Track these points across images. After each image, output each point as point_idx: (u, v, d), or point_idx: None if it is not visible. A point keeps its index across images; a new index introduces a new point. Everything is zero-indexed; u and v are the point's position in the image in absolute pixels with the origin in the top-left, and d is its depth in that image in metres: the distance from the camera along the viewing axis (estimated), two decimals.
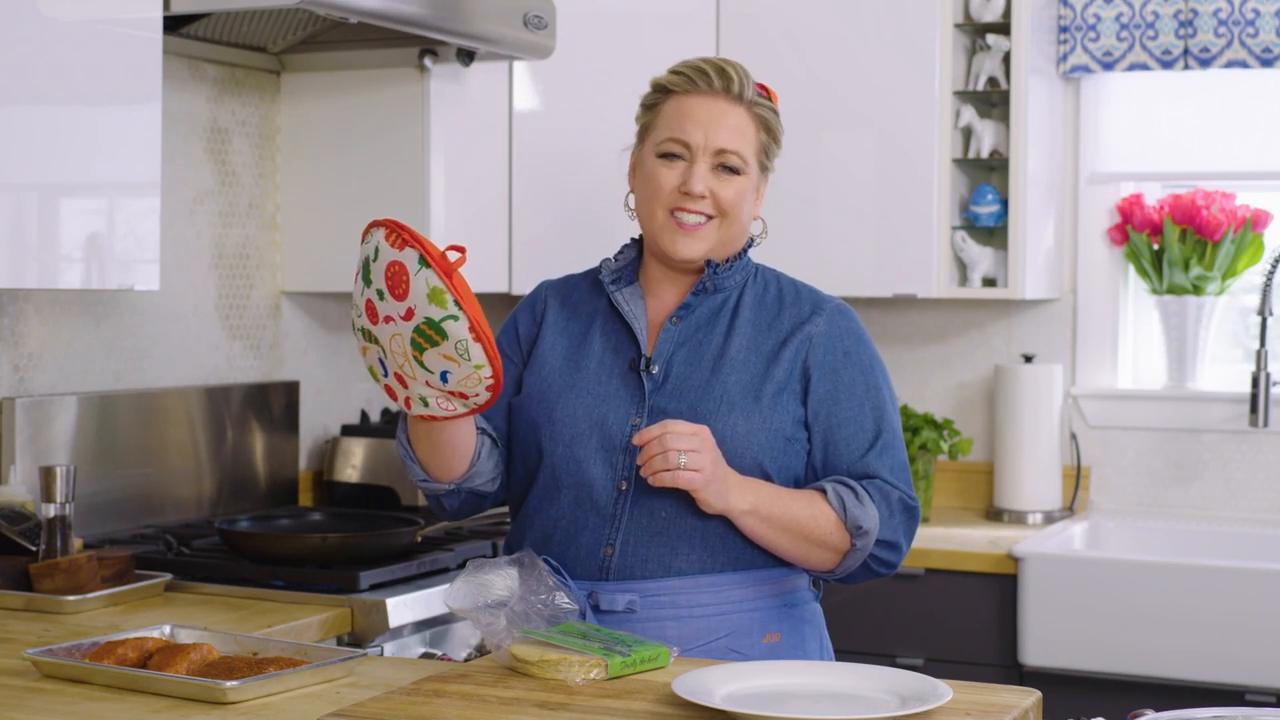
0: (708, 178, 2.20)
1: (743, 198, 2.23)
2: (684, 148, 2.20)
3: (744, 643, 2.19)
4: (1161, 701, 3.25)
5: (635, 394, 2.22)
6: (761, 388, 2.19)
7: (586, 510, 2.20)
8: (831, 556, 2.19)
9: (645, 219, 2.26)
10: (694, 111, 2.21)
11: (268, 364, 3.64)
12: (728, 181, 2.21)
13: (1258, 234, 3.98)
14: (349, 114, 3.57)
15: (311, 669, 2.01)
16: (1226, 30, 3.84)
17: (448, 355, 2.01)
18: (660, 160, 2.22)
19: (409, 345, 2.03)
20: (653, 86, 2.27)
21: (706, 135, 2.20)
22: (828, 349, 2.23)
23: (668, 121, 2.22)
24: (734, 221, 2.23)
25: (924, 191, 3.86)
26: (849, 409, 2.22)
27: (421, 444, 2.22)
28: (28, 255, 2.67)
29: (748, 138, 2.22)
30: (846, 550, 2.18)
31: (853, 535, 2.16)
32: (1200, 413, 4.01)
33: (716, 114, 2.20)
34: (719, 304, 2.26)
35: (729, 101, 2.21)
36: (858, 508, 2.16)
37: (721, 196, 2.21)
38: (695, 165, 2.20)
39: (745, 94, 2.22)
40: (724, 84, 2.21)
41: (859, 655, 3.50)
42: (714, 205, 2.21)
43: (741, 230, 2.26)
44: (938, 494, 4.20)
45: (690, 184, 2.19)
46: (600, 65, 3.77)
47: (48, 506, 2.68)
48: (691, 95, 2.22)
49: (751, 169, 2.23)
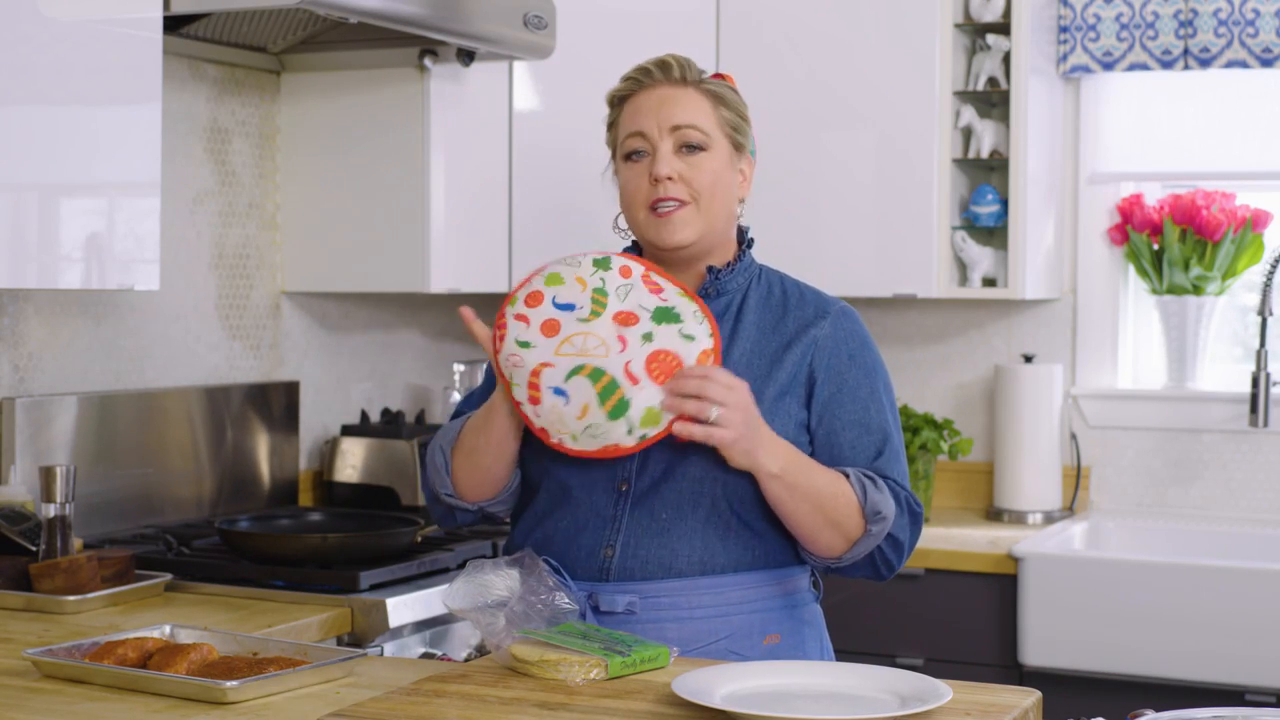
0: (673, 161, 2.21)
1: (717, 177, 2.23)
2: (642, 139, 2.22)
3: (744, 644, 2.18)
4: (1161, 701, 3.25)
5: None
6: (764, 390, 2.19)
7: (587, 511, 2.20)
8: (841, 542, 2.18)
9: (632, 225, 2.27)
10: (643, 105, 2.24)
11: (268, 364, 3.64)
12: (695, 161, 2.22)
13: (1258, 234, 3.98)
14: (349, 114, 3.57)
15: (311, 669, 2.01)
16: (1226, 30, 3.84)
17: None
18: (627, 164, 2.24)
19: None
20: (608, 102, 2.31)
21: (659, 119, 2.22)
22: (833, 352, 2.23)
23: (624, 124, 2.25)
24: (714, 201, 2.23)
25: (924, 191, 3.86)
26: (853, 412, 2.22)
27: (463, 466, 2.23)
28: (28, 255, 2.67)
29: (704, 112, 2.23)
30: (857, 538, 2.18)
31: (869, 521, 2.16)
32: (1200, 413, 4.01)
33: (664, 100, 2.23)
34: (722, 307, 2.26)
35: (673, 86, 2.24)
36: (878, 494, 2.17)
37: (691, 177, 2.21)
38: (658, 151, 2.21)
39: (689, 76, 2.25)
40: (664, 73, 2.24)
41: (859, 655, 3.50)
42: (687, 189, 2.21)
43: (727, 213, 2.26)
44: (938, 494, 4.20)
45: (656, 168, 2.20)
46: (600, 65, 3.75)
47: (48, 506, 2.68)
48: (639, 93, 2.25)
49: (719, 145, 2.24)
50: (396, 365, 4.03)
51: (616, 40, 3.84)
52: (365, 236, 3.56)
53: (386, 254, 3.54)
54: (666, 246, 2.22)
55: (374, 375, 3.96)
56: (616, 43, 3.84)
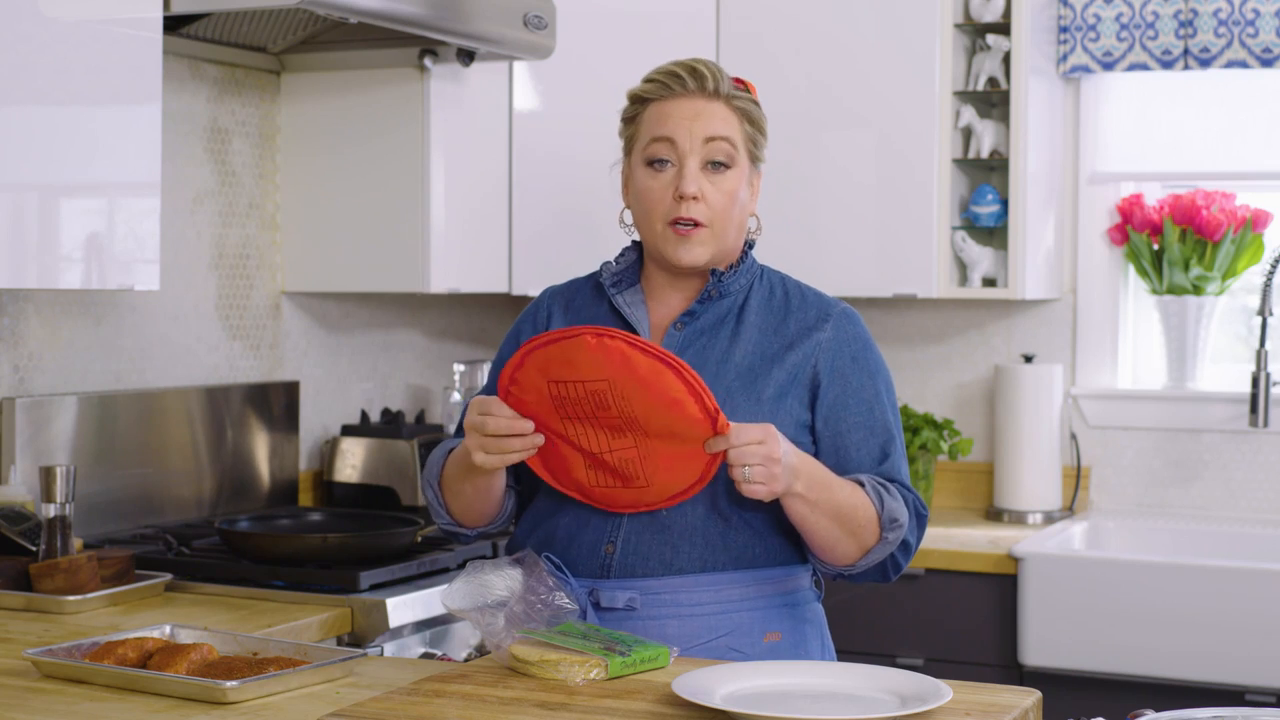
0: (699, 177, 2.20)
1: (735, 196, 2.22)
2: (670, 147, 2.20)
3: (744, 641, 2.18)
4: (1161, 701, 3.25)
5: None
6: (763, 391, 2.19)
7: (588, 509, 2.20)
8: (855, 550, 2.18)
9: (644, 232, 2.26)
10: (674, 112, 2.21)
11: (268, 364, 3.64)
12: (720, 179, 2.21)
13: (1258, 234, 3.98)
14: (349, 114, 3.57)
15: (311, 669, 2.01)
16: (1226, 30, 3.84)
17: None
18: (649, 170, 2.22)
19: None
20: (630, 98, 2.27)
21: (691, 130, 2.20)
22: (837, 354, 2.23)
23: (650, 127, 2.22)
24: (729, 223, 2.22)
25: (924, 192, 3.86)
26: (858, 414, 2.22)
27: (454, 503, 2.26)
28: (28, 255, 2.67)
29: (733, 128, 2.22)
30: (872, 546, 2.18)
31: (885, 529, 2.16)
32: (1200, 413, 4.01)
33: (697, 111, 2.21)
34: (725, 309, 2.26)
35: (706, 99, 2.22)
36: (893, 502, 2.17)
37: (713, 198, 2.20)
38: (685, 165, 2.20)
39: (721, 89, 2.22)
40: (698, 83, 2.22)
41: (859, 655, 3.50)
42: (707, 210, 2.20)
43: (738, 230, 2.26)
44: (938, 494, 4.20)
45: (683, 185, 2.19)
46: (600, 65, 3.77)
47: (48, 506, 2.68)
48: (669, 99, 2.22)
49: (742, 161, 2.23)
50: (396, 365, 4.03)
51: (616, 40, 3.84)
52: (365, 236, 3.56)
53: (386, 254, 3.54)
54: (679, 265, 2.23)
55: (374, 375, 3.96)
56: (616, 43, 3.84)
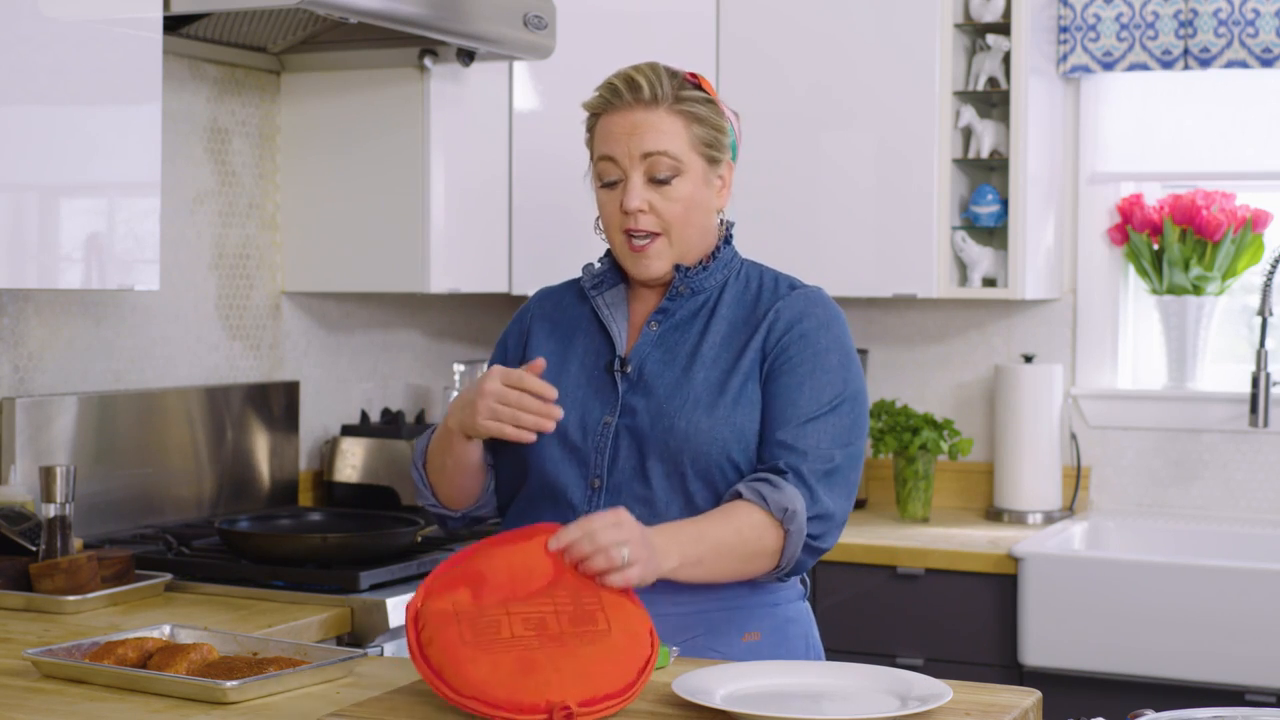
0: (644, 191, 2.19)
1: (689, 203, 2.21)
2: (613, 166, 2.21)
3: (722, 641, 2.17)
4: (1161, 701, 3.25)
5: (610, 394, 2.22)
6: (729, 382, 2.18)
7: (564, 509, 2.20)
8: (768, 561, 2.14)
9: (610, 244, 2.28)
10: (613, 129, 2.22)
11: (268, 364, 3.64)
12: (666, 191, 2.20)
13: (1258, 234, 3.98)
14: (349, 114, 3.57)
15: (311, 669, 2.01)
16: (1226, 30, 3.83)
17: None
18: (603, 189, 2.24)
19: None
20: (585, 110, 2.29)
21: (629, 147, 2.19)
22: (785, 329, 2.20)
23: (597, 145, 2.24)
24: (687, 228, 2.22)
25: (924, 192, 3.86)
26: (788, 386, 2.18)
27: (438, 481, 2.28)
28: (28, 255, 2.67)
29: (675, 135, 2.20)
30: (780, 546, 2.14)
31: (783, 521, 2.12)
32: (1200, 413, 4.00)
33: (634, 124, 2.20)
34: (699, 304, 2.26)
35: (645, 109, 2.20)
36: (776, 493, 2.12)
37: (663, 207, 2.20)
38: (629, 180, 2.20)
39: (659, 96, 2.20)
40: (634, 94, 2.21)
41: (859, 655, 3.50)
42: (658, 220, 2.20)
43: (702, 230, 2.25)
44: (938, 494, 4.20)
45: (626, 201, 2.19)
46: (600, 66, 3.74)
47: (48, 506, 2.68)
48: (609, 114, 2.23)
49: (692, 167, 2.21)
50: (396, 365, 4.03)
51: (616, 40, 3.84)
52: (365, 236, 3.56)
53: (386, 254, 3.54)
54: (641, 280, 2.25)
55: (374, 375, 3.96)
56: (616, 43, 3.84)
